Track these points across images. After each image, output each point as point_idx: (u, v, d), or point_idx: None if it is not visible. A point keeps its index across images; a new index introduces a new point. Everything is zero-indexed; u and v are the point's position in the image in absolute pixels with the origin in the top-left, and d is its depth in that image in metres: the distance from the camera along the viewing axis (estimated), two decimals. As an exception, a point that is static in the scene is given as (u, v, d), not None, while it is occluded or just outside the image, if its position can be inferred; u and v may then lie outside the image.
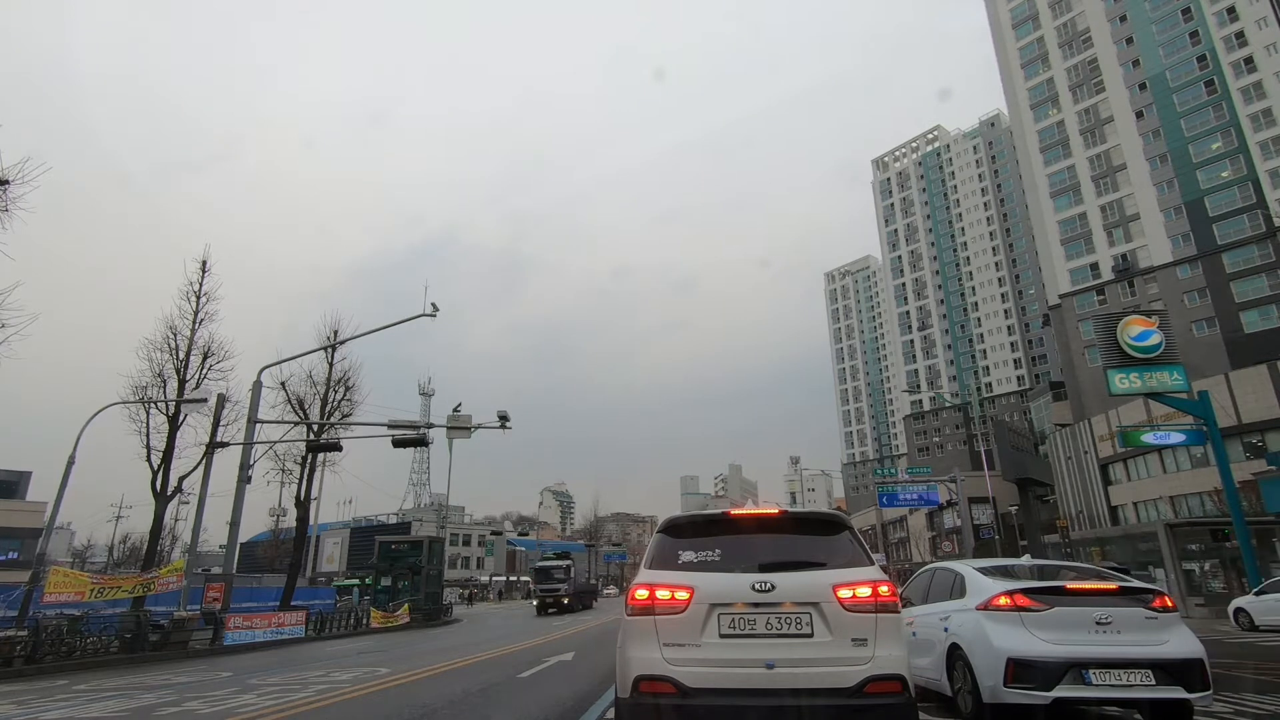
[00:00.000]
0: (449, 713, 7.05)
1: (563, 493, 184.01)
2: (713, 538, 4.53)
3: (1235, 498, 21.31)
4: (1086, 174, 60.68)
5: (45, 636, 14.30)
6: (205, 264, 23.37)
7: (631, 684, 4.08)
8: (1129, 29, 60.25)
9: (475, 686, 8.90)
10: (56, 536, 54.76)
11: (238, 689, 9.36)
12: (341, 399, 28.64)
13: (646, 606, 4.20)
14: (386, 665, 11.93)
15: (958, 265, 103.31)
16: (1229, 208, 52.32)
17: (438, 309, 21.30)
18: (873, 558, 4.46)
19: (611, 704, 6.50)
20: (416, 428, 23.28)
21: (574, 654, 13.13)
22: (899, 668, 3.97)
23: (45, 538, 20.64)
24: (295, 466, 28.33)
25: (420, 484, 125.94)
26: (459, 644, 17.04)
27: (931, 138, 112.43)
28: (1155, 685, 5.16)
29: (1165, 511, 40.86)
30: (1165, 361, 21.01)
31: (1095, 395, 48.37)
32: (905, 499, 40.29)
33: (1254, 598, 18.22)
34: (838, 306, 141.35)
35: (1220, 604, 23.80)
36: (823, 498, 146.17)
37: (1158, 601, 5.56)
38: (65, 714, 7.74)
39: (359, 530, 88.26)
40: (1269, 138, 50.73)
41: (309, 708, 7.60)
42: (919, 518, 68.77)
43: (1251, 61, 52.61)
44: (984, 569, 6.64)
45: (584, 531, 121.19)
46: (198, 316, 22.84)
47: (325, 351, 27.94)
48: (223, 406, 21.64)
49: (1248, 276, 50.59)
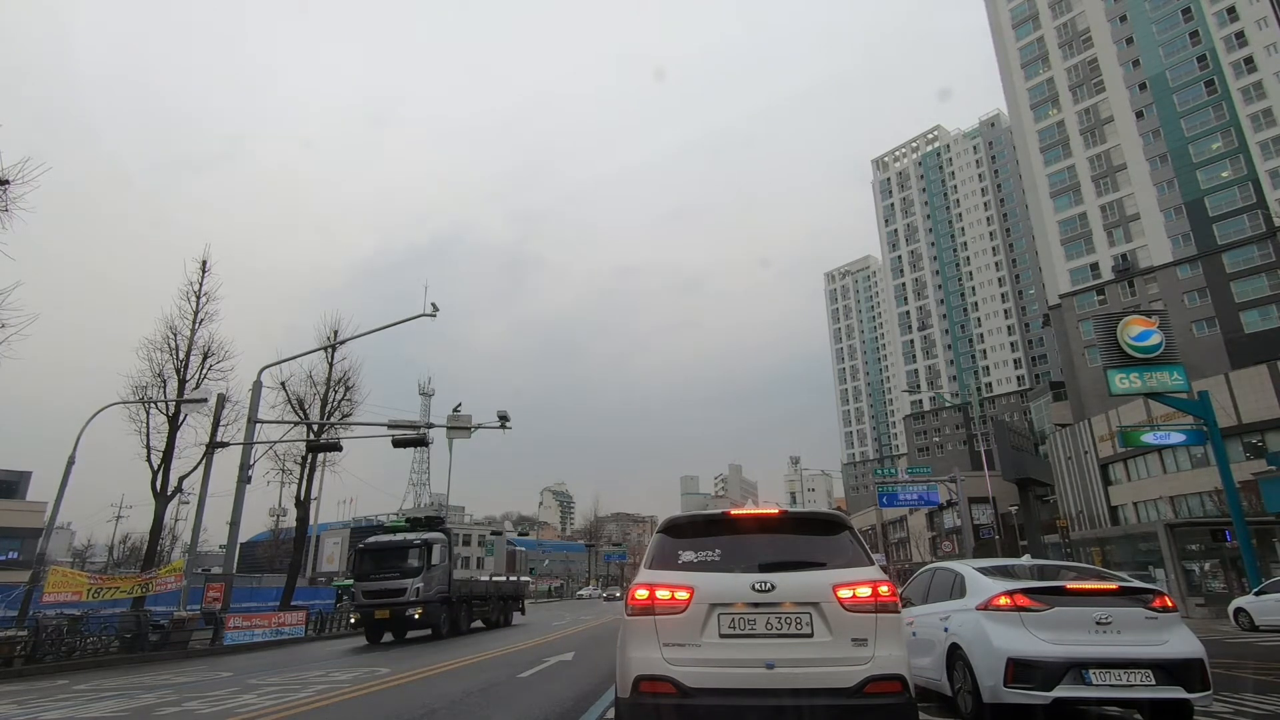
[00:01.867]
0: (449, 713, 7.05)
1: (563, 493, 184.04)
2: (713, 538, 4.53)
3: (1235, 498, 21.31)
4: (1086, 174, 60.67)
5: (45, 636, 14.30)
6: (205, 264, 23.39)
7: (631, 684, 4.08)
8: (1129, 29, 60.24)
9: (475, 686, 8.90)
10: (56, 536, 54.75)
11: (238, 689, 9.36)
12: (341, 399, 28.62)
13: (646, 606, 4.20)
14: (386, 665, 11.93)
15: (958, 265, 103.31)
16: (1229, 208, 52.30)
17: (437, 309, 21.29)
18: (873, 558, 4.46)
19: (611, 704, 6.50)
20: (416, 428, 23.27)
21: (574, 654, 13.13)
22: (899, 668, 3.98)
23: (45, 538, 20.67)
24: (295, 466, 28.32)
25: (420, 484, 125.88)
26: (459, 644, 17.03)
27: (931, 138, 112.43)
28: (1155, 685, 5.16)
29: (1165, 511, 40.83)
30: (1165, 361, 21.02)
31: (1095, 395, 48.37)
32: (905, 499, 40.28)
33: (1254, 598, 18.22)
34: (838, 306, 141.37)
35: (1220, 604, 23.81)
36: (823, 498, 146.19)
37: (1158, 601, 5.56)
38: (65, 714, 7.74)
39: (359, 530, 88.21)
40: (1269, 138, 50.72)
41: (309, 708, 7.60)
42: (919, 518, 68.75)
43: (1251, 61, 52.60)
44: (984, 569, 6.64)
45: (584, 531, 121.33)
46: (198, 316, 22.86)
47: (325, 351, 27.92)
48: (223, 406, 21.64)
49: (1248, 276, 50.57)
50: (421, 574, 18.73)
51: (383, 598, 18.37)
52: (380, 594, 18.47)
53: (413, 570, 18.72)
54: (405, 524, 22.77)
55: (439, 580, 19.44)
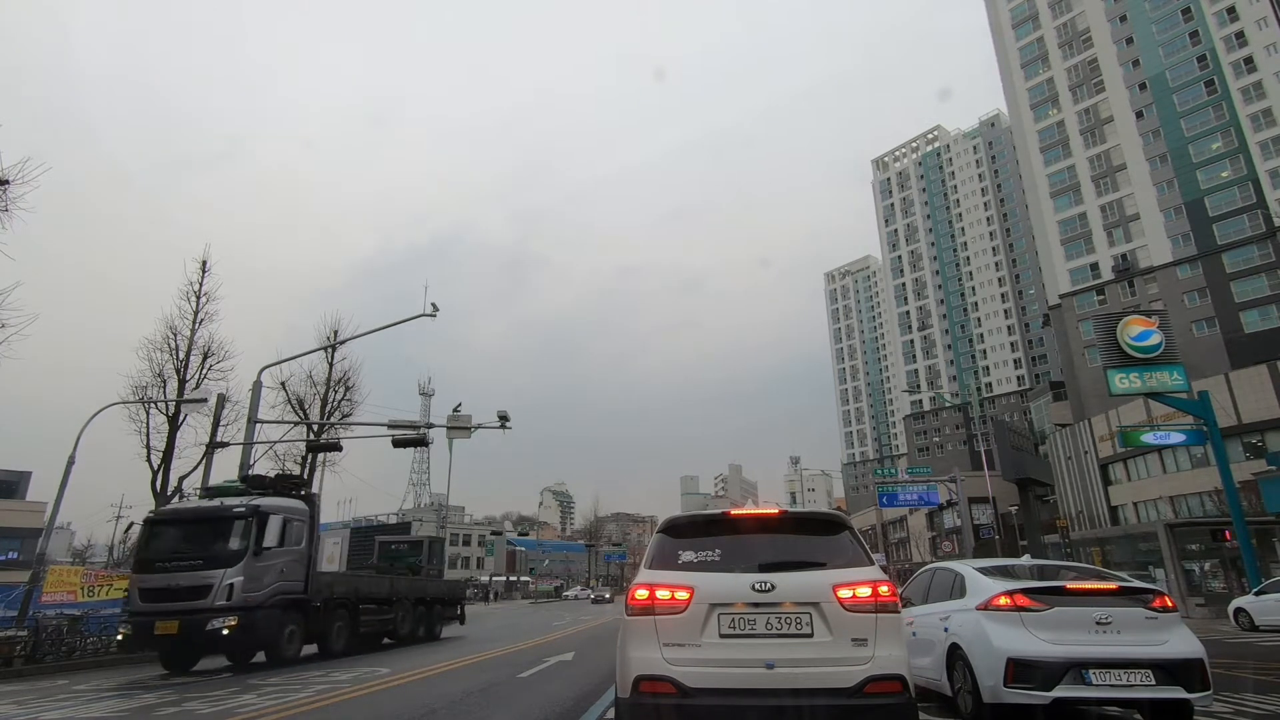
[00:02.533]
0: (449, 713, 7.05)
1: (563, 493, 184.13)
2: (713, 538, 4.53)
3: (1235, 498, 21.33)
4: (1086, 174, 60.69)
5: (45, 636, 14.29)
6: (205, 264, 23.32)
7: (631, 684, 4.08)
8: (1129, 29, 60.27)
9: (475, 686, 8.91)
10: (56, 536, 54.77)
11: (238, 689, 9.36)
12: (341, 399, 28.60)
13: (646, 606, 4.21)
14: (386, 665, 11.93)
15: (958, 265, 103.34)
16: (1229, 208, 52.33)
17: (437, 309, 21.29)
18: (873, 558, 4.47)
19: (611, 704, 6.51)
20: (416, 428, 23.27)
21: (574, 654, 13.14)
22: (899, 668, 3.98)
23: (45, 538, 20.66)
24: (295, 466, 28.25)
25: (420, 484, 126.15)
26: (459, 644, 17.04)
27: (931, 138, 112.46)
28: (1155, 685, 5.16)
29: (1165, 511, 40.86)
30: (1165, 361, 21.04)
31: (1095, 395, 48.36)
32: (905, 499, 40.31)
33: (1254, 598, 18.24)
34: (838, 306, 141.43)
35: (1220, 604, 23.82)
36: (823, 498, 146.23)
37: (1158, 601, 5.56)
38: (66, 714, 7.74)
39: (359, 530, 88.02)
40: (1269, 138, 50.74)
41: (309, 707, 7.60)
42: (919, 518, 68.77)
43: (1251, 61, 52.62)
44: (984, 569, 6.65)
45: (584, 531, 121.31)
46: (198, 316, 22.81)
47: (325, 351, 27.91)
48: (223, 406, 21.63)
49: (1248, 276, 50.60)
50: (242, 562, 11.94)
51: (170, 599, 11.68)
52: (166, 594, 11.74)
53: (227, 557, 11.97)
54: (236, 485, 14.55)
55: (282, 574, 12.76)
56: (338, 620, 14.51)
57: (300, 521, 13.68)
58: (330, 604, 14.31)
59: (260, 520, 12.46)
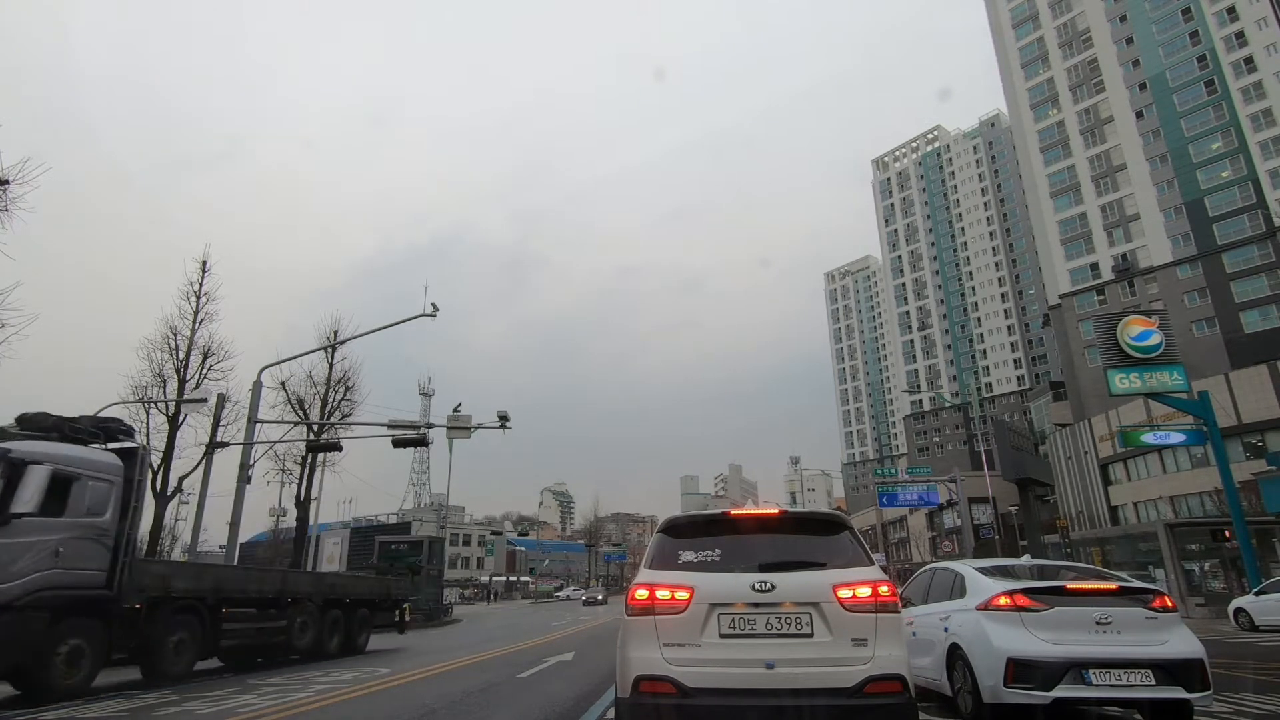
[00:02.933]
0: (450, 713, 7.05)
1: (563, 493, 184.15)
2: (713, 538, 4.53)
3: (1235, 498, 21.34)
4: (1086, 174, 60.71)
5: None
6: (205, 264, 23.34)
7: (631, 684, 4.08)
8: (1129, 29, 60.28)
9: (475, 686, 8.91)
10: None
11: (238, 689, 9.36)
12: (341, 399, 28.65)
13: (646, 606, 4.21)
14: (386, 665, 11.94)
15: (958, 265, 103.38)
16: (1229, 208, 52.35)
17: (437, 309, 21.28)
18: (873, 558, 4.47)
19: (611, 704, 6.50)
20: (416, 428, 23.27)
21: (574, 654, 13.14)
22: (899, 668, 3.98)
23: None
24: (295, 466, 28.31)
25: (420, 484, 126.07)
26: (459, 644, 17.04)
27: (931, 138, 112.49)
28: (1155, 685, 5.16)
29: (1165, 511, 40.87)
30: (1165, 361, 21.05)
31: (1095, 395, 48.36)
32: (905, 499, 40.33)
33: (1254, 598, 18.24)
34: (838, 306, 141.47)
35: (1220, 604, 23.81)
36: (823, 498, 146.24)
37: (1158, 601, 5.57)
38: (66, 714, 7.74)
39: (359, 530, 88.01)
40: (1269, 138, 50.75)
41: (309, 707, 7.60)
42: (919, 518, 68.77)
43: (1251, 61, 52.63)
44: (984, 569, 6.65)
45: (584, 531, 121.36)
46: (198, 316, 22.83)
47: (325, 351, 27.94)
48: (223, 406, 21.64)
49: (1248, 276, 50.62)
50: None
51: None
52: None
53: None
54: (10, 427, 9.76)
55: (57, 557, 8.60)
56: (178, 631, 10.35)
57: (102, 481, 9.43)
58: (163, 607, 10.15)
59: (10, 472, 8.19)
